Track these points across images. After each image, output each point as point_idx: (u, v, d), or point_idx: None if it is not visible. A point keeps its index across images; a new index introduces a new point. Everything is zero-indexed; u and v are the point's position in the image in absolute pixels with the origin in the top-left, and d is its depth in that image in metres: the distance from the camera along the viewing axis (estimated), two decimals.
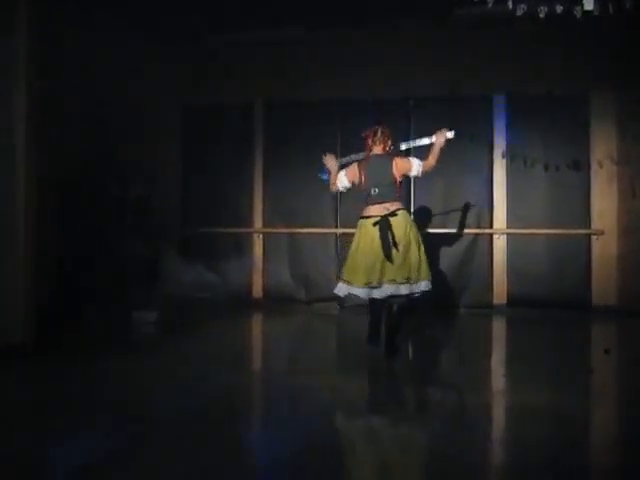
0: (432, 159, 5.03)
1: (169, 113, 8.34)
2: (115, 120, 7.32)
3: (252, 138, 8.21)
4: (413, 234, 4.85)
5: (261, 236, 8.05)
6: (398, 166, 5.00)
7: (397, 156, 5.17)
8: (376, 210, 4.90)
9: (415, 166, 5.05)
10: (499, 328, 7.03)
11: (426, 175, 5.17)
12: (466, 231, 7.67)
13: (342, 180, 5.08)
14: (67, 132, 6.69)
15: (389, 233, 4.76)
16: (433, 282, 4.98)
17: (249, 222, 8.17)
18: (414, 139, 5.43)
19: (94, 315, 6.41)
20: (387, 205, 4.89)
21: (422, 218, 7.74)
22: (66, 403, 3.58)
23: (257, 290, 8.03)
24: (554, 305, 7.34)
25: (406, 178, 5.32)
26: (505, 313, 7.48)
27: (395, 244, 4.74)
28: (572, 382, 4.19)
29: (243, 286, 8.04)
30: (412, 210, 7.79)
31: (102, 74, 6.97)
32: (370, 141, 5.17)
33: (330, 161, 5.16)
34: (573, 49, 7.36)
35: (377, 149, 5.14)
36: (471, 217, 7.69)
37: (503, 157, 7.66)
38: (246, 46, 7.97)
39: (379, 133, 5.17)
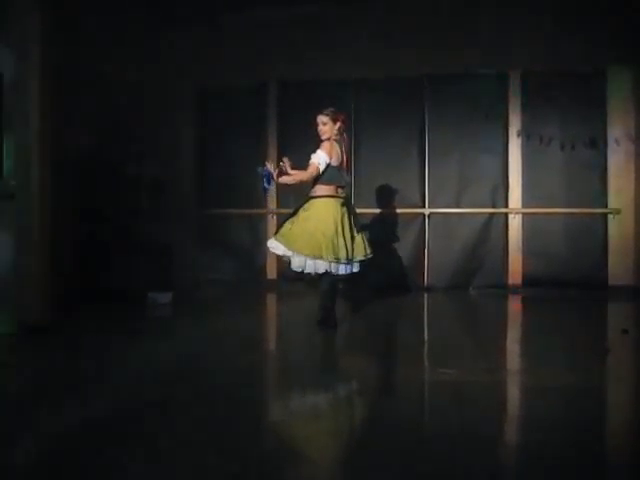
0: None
1: (183, 95, 8.33)
2: (130, 104, 7.31)
3: (266, 119, 8.18)
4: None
5: (275, 217, 8.03)
6: None
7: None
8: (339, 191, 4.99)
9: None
10: (514, 308, 7.00)
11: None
12: (481, 210, 7.65)
13: (324, 159, 4.88)
14: (82, 116, 6.69)
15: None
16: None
17: (263, 203, 8.16)
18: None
19: (110, 297, 6.45)
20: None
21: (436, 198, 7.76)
22: (76, 384, 3.60)
23: (271, 271, 8.04)
24: (570, 285, 7.31)
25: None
26: (520, 293, 7.45)
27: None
28: (589, 362, 4.17)
29: (257, 267, 8.07)
30: (427, 190, 7.77)
31: (117, 58, 6.97)
32: (344, 125, 5.08)
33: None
34: (589, 24, 7.24)
35: (339, 136, 5.06)
36: (486, 196, 7.66)
37: (518, 136, 7.59)
38: (259, 26, 7.90)
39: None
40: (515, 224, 7.62)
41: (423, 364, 4.26)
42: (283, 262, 5.34)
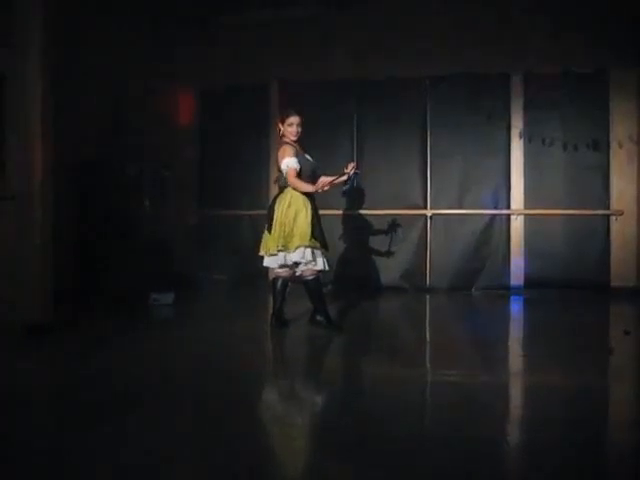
0: (308, 188, 4.98)
1: (185, 96, 8.34)
2: (131, 104, 7.32)
3: (267, 119, 8.17)
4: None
5: None
6: None
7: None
8: None
9: (283, 164, 5.00)
10: (517, 309, 6.99)
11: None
12: (483, 212, 7.63)
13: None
14: (84, 117, 6.69)
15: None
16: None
17: (264, 204, 8.13)
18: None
19: (112, 297, 6.45)
20: None
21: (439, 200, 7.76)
22: (75, 384, 3.59)
23: (273, 271, 8.01)
24: (572, 286, 7.28)
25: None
26: (522, 294, 7.43)
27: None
28: (591, 363, 4.15)
29: (259, 267, 8.03)
30: (429, 191, 7.77)
31: (119, 59, 6.98)
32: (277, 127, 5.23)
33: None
34: (592, 25, 7.23)
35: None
36: (488, 198, 7.65)
37: (521, 137, 7.58)
38: (261, 26, 7.91)
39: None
40: (517, 225, 7.60)
41: (425, 365, 4.25)
42: None
